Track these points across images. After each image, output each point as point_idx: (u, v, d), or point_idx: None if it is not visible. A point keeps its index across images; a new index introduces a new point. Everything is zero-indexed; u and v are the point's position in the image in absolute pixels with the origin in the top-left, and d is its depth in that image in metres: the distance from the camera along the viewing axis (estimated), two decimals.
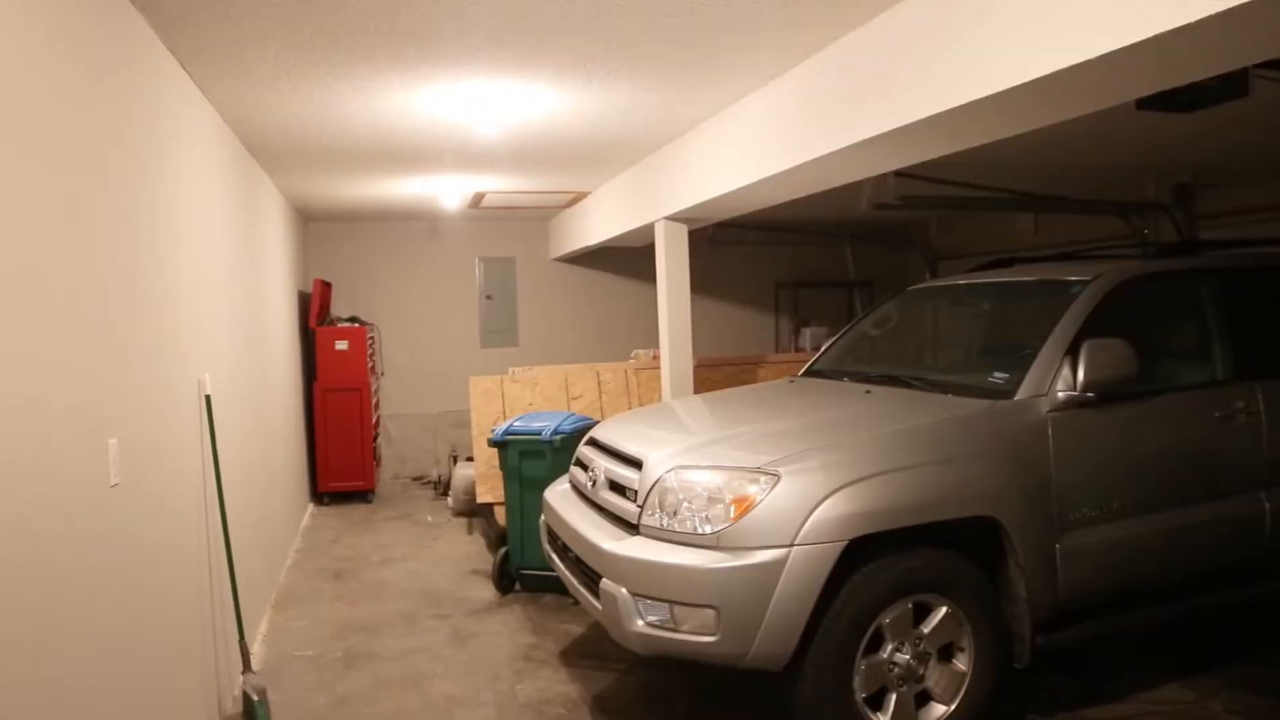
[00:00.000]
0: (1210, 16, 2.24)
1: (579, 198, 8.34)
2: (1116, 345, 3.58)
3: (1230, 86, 3.75)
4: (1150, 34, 2.41)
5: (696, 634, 3.18)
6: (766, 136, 4.50)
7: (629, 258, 9.77)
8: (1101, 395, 3.61)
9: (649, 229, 6.51)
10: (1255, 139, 5.58)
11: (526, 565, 5.43)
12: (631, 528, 3.50)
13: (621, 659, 4.40)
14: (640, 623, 3.29)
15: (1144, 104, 3.84)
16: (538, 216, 9.69)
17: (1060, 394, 3.59)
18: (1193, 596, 3.92)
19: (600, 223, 7.84)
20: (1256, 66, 3.61)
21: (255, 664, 4.33)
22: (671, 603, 3.21)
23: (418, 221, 9.53)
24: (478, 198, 8.00)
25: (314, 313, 8.26)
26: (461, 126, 5.11)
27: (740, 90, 4.60)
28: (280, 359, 6.59)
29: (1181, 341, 4.30)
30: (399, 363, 9.57)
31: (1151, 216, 7.21)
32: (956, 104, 3.14)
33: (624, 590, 3.32)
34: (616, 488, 3.73)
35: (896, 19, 3.43)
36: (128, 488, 2.73)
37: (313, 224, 9.23)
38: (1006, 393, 3.63)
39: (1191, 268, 4.30)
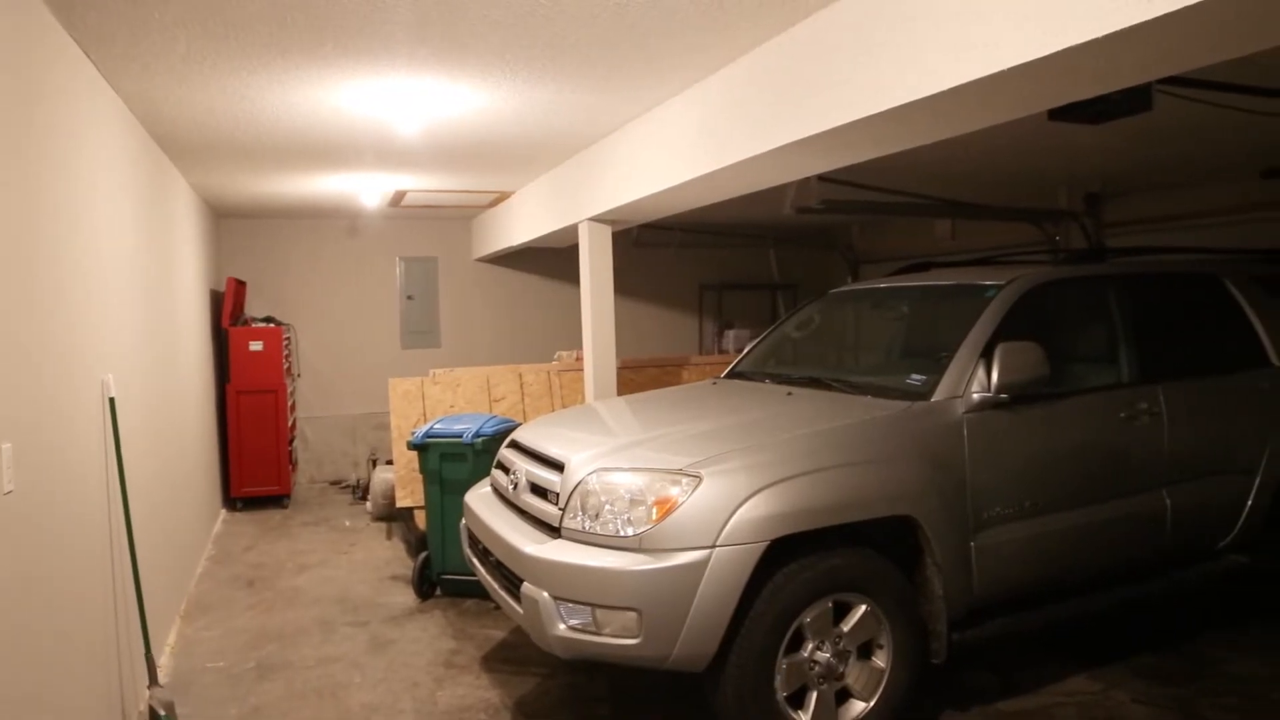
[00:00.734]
0: (1114, 33, 2.32)
1: (503, 197, 8.26)
2: (1029, 348, 3.67)
3: (1135, 100, 3.88)
4: (1060, 47, 2.48)
5: (619, 637, 3.17)
6: (692, 139, 4.51)
7: (553, 258, 9.72)
8: (1015, 397, 3.70)
9: (573, 230, 6.47)
10: (1158, 151, 5.80)
11: (447, 570, 5.35)
12: (553, 531, 3.47)
13: (544, 663, 4.36)
14: (562, 626, 3.25)
15: (1055, 115, 3.96)
16: (460, 216, 9.57)
17: (975, 395, 3.68)
18: (1100, 591, 4.05)
19: (524, 223, 7.77)
20: (1159, 82, 3.76)
21: (163, 677, 4.17)
22: (593, 606, 3.19)
23: (337, 219, 9.33)
24: (398, 196, 7.86)
25: (227, 312, 8.01)
26: (381, 123, 5.01)
27: (666, 92, 4.60)
28: (191, 360, 6.37)
29: (1089, 344, 4.44)
30: (316, 364, 9.35)
31: (1063, 224, 7.46)
32: (877, 110, 3.19)
33: (545, 594, 3.28)
34: (538, 490, 3.69)
35: (820, 25, 3.47)
36: (23, 495, 2.59)
37: (226, 220, 8.96)
38: (924, 394, 3.70)
39: (1099, 274, 4.45)
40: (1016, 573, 3.77)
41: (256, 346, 8.03)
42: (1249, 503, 4.44)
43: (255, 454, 8.04)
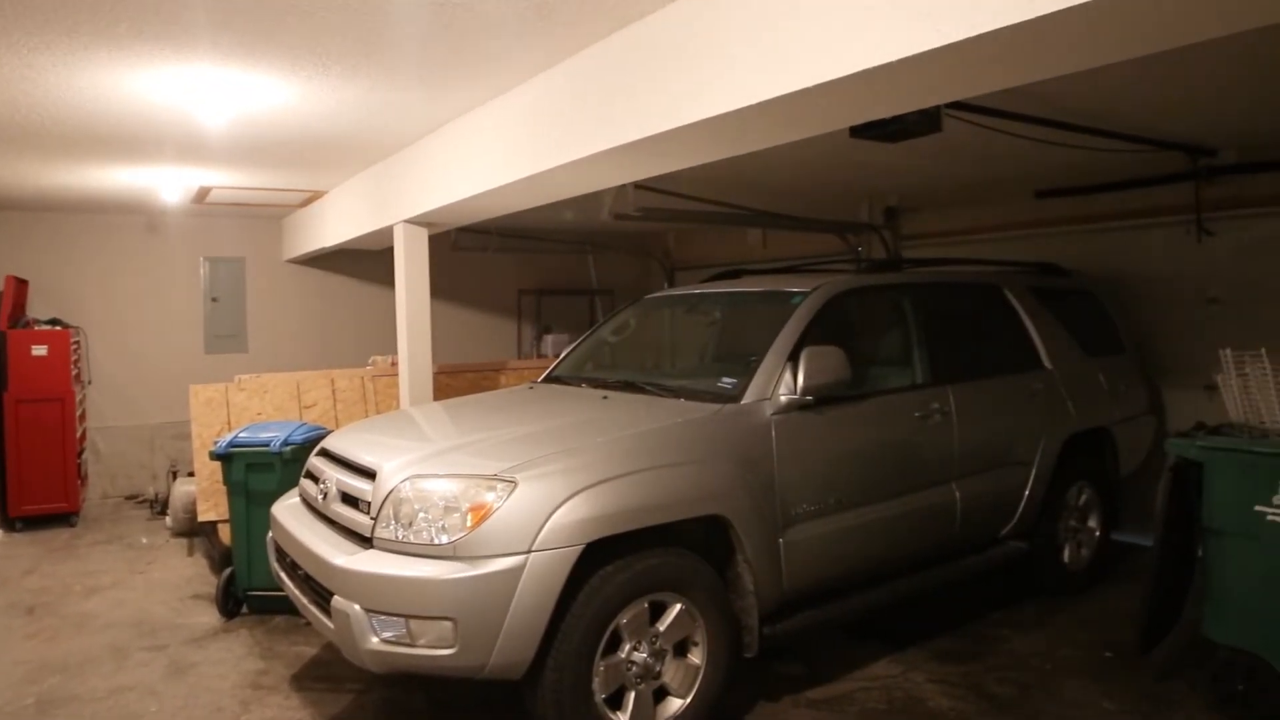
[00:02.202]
0: (908, 57, 2.49)
1: (315, 197, 7.95)
2: (832, 352, 3.86)
3: (926, 122, 4.16)
4: (858, 68, 2.64)
5: (434, 647, 3.10)
6: (509, 142, 4.49)
7: (368, 261, 9.43)
8: (819, 398, 3.88)
9: (389, 232, 6.31)
10: (948, 170, 6.26)
11: (254, 586, 5.08)
12: (365, 541, 3.36)
13: (358, 679, 4.22)
14: (375, 640, 3.16)
15: (856, 132, 4.19)
16: (270, 215, 9.14)
17: (782, 398, 3.83)
18: (899, 579, 4.30)
19: (338, 224, 7.51)
20: (947, 106, 4.06)
21: None
22: (407, 617, 3.11)
23: (134, 215, 8.69)
24: (203, 192, 7.42)
25: (4, 314, 7.31)
26: (184, 114, 4.72)
27: (486, 94, 4.56)
28: None
29: (887, 348, 4.72)
30: (111, 370, 8.67)
31: (864, 235, 7.91)
32: (690, 121, 3.28)
33: (357, 607, 3.17)
34: (349, 500, 3.57)
35: (637, 36, 3.53)
36: None
37: (4, 213, 8.18)
38: (734, 397, 3.82)
39: (895, 283, 4.75)
40: (823, 566, 3.95)
41: (40, 351, 7.37)
42: (1026, 493, 4.85)
43: (38, 468, 7.36)
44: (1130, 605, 4.92)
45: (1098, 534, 5.36)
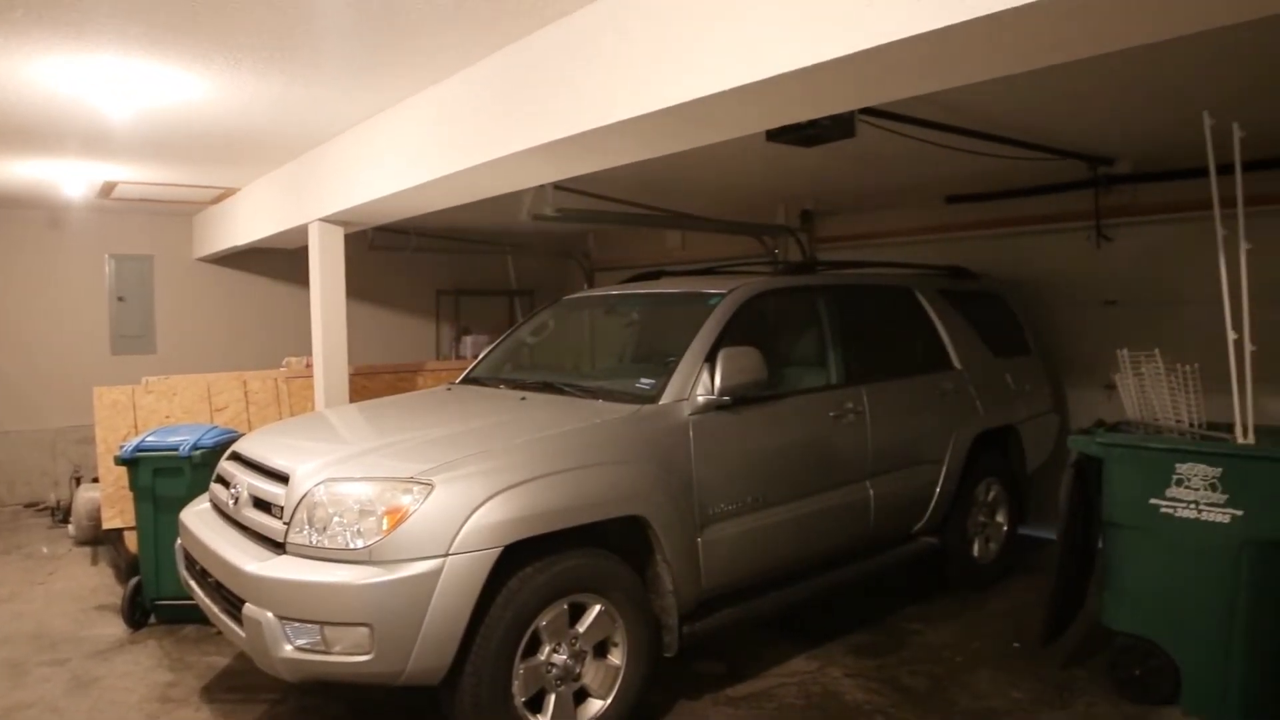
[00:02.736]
0: (822, 63, 2.54)
1: (228, 194, 7.74)
2: (748, 353, 3.92)
3: (841, 127, 4.25)
4: (773, 73, 2.69)
5: (350, 654, 3.05)
6: (427, 141, 4.44)
7: (283, 260, 9.21)
8: (736, 399, 3.93)
9: (303, 230, 6.18)
10: (862, 175, 6.39)
11: (162, 595, 4.93)
12: (278, 547, 3.29)
13: (272, 688, 4.12)
14: (288, 647, 3.10)
15: (773, 136, 4.26)
16: (180, 212, 8.86)
17: (700, 398, 3.87)
18: (815, 576, 4.38)
19: (250, 222, 7.33)
20: (861, 112, 4.15)
21: None
22: (322, 624, 3.06)
23: (33, 210, 8.33)
24: (108, 187, 7.16)
25: None
26: (87, 106, 4.54)
27: (402, 92, 4.50)
28: None
29: (802, 349, 4.81)
30: (7, 371, 8.29)
31: (781, 238, 8.03)
32: (608, 122, 3.29)
33: (269, 614, 3.11)
34: (261, 505, 3.49)
35: (556, 36, 3.53)
36: None
37: None
38: (652, 398, 3.85)
39: (810, 284, 4.83)
40: (741, 564, 4.00)
41: None
42: (937, 490, 4.99)
43: None
44: (1036, 597, 5.10)
45: (1005, 528, 5.55)
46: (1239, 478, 3.58)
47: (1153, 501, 3.77)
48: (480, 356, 5.20)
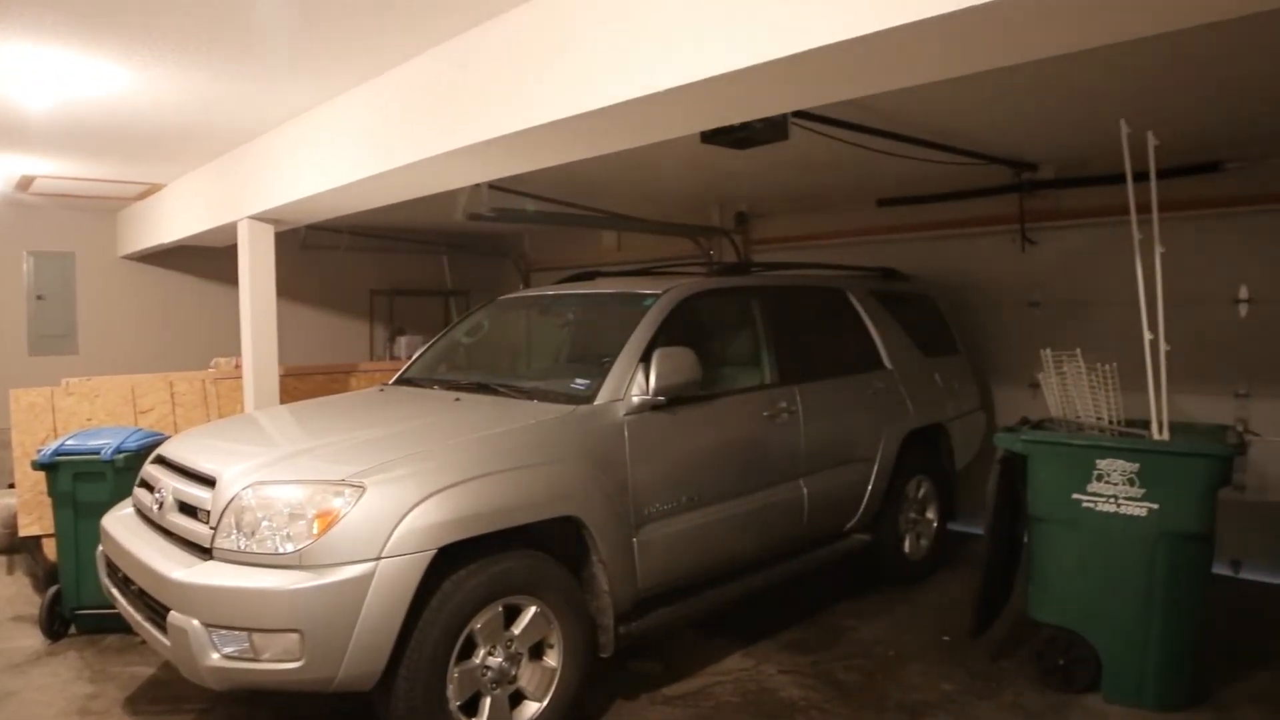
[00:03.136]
0: (755, 65, 2.58)
1: (154, 189, 7.54)
2: (683, 353, 3.94)
3: (774, 130, 4.30)
4: (706, 75, 2.72)
5: (279, 661, 2.99)
6: (360, 138, 4.39)
7: (211, 258, 9.00)
8: (671, 399, 3.95)
9: (233, 228, 6.06)
10: (796, 177, 6.48)
11: (83, 604, 4.78)
12: (204, 552, 3.22)
13: (199, 698, 4.02)
14: (215, 656, 3.03)
15: (707, 138, 4.30)
16: (104, 208, 8.60)
17: (635, 398, 3.88)
18: (750, 574, 4.42)
19: (178, 219, 7.15)
20: (793, 115, 4.21)
21: None
22: (250, 630, 3.00)
23: None
24: (26, 181, 6.92)
25: None
26: (2, 95, 4.38)
27: (333, 89, 4.44)
28: None
29: (737, 349, 4.85)
30: None
31: (716, 239, 8.10)
32: (543, 121, 3.29)
33: (195, 622, 3.03)
34: (187, 509, 3.40)
35: (491, 34, 3.51)
36: None
37: None
38: (587, 398, 3.85)
39: (744, 285, 4.88)
40: (677, 564, 4.02)
41: None
42: (869, 487, 5.07)
43: None
44: (966, 591, 5.22)
45: (935, 524, 5.66)
46: (1154, 473, 3.71)
47: (1075, 496, 3.89)
48: (414, 357, 5.14)
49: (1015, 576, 4.46)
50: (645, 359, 3.94)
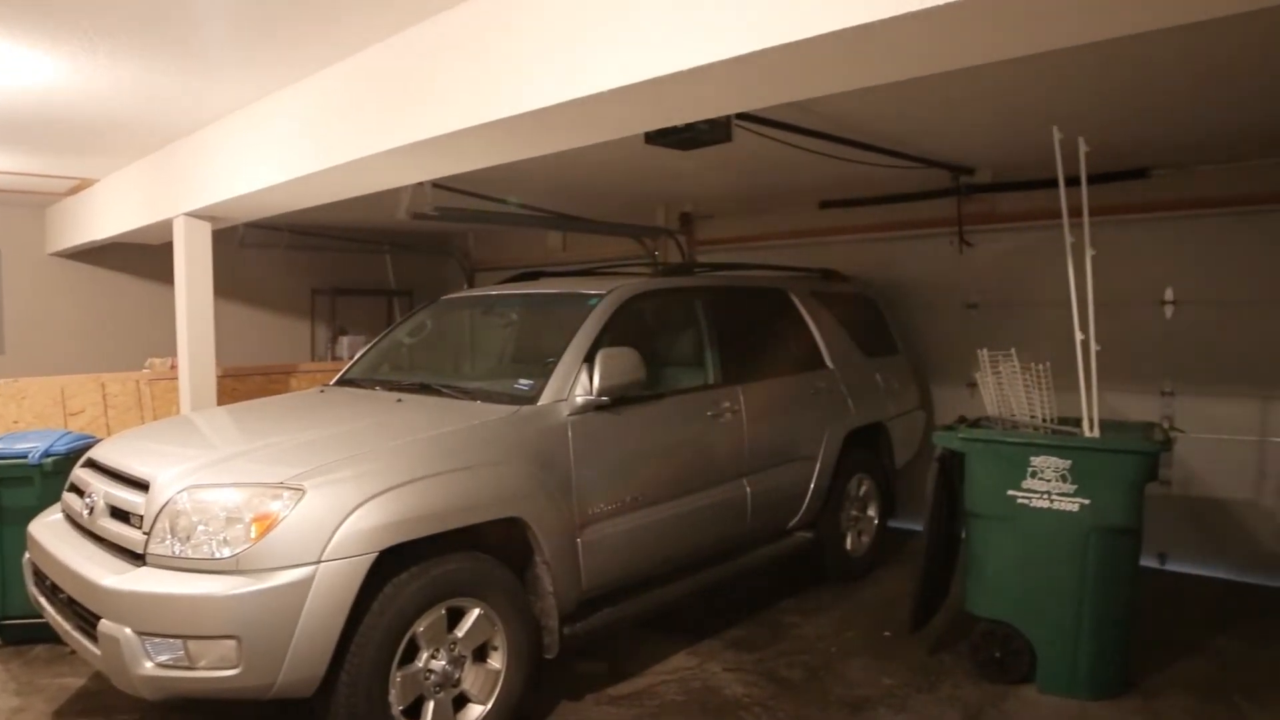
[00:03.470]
0: (695, 68, 2.60)
1: (85, 185, 7.34)
2: (627, 353, 3.95)
3: (717, 131, 4.33)
4: (648, 76, 2.73)
5: (216, 669, 2.94)
6: (299, 135, 4.32)
7: (146, 255, 8.78)
8: (615, 399, 3.95)
9: (168, 225, 5.92)
10: (739, 179, 6.53)
11: (9, 614, 4.63)
12: (137, 558, 3.14)
13: (132, 708, 3.92)
14: (149, 664, 2.96)
15: (651, 139, 4.31)
16: (31, 203, 8.35)
17: (579, 399, 3.87)
18: (695, 573, 4.44)
19: (110, 215, 6.97)
20: (737, 117, 4.24)
21: None
22: (185, 638, 2.93)
23: None
24: None
25: None
26: None
27: (272, 83, 4.36)
28: None
29: (680, 349, 4.87)
30: None
31: (661, 239, 8.13)
32: (485, 120, 3.28)
33: (128, 630, 2.96)
34: (119, 514, 3.32)
35: (435, 31, 3.49)
36: None
37: None
38: (531, 399, 3.83)
39: (688, 286, 4.91)
40: (621, 564, 4.02)
41: None
42: (811, 486, 5.13)
43: None
44: (905, 587, 5.31)
45: (876, 522, 5.75)
46: (1085, 469, 3.82)
47: (1010, 493, 3.98)
48: (356, 357, 5.08)
49: (953, 572, 4.55)
50: (589, 359, 3.94)
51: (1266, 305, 5.35)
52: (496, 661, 3.51)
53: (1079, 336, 3.97)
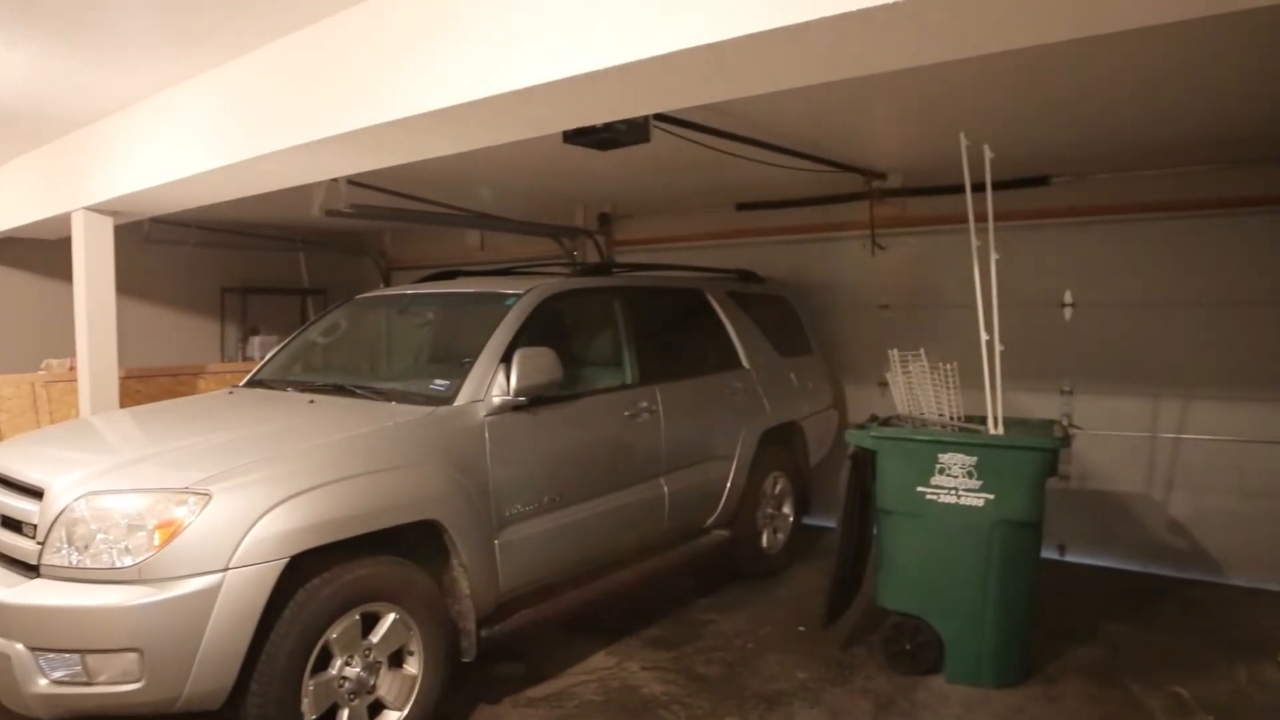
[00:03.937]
0: (612, 67, 2.61)
1: None
2: (544, 353, 3.93)
3: (636, 132, 4.34)
4: (566, 74, 2.73)
5: (117, 683, 2.84)
6: (208, 127, 4.19)
7: (41, 251, 8.37)
8: (532, 399, 3.94)
9: (66, 220, 5.67)
10: (657, 180, 6.57)
11: None
12: (30, 570, 3.01)
13: None
14: (43, 682, 2.85)
15: (569, 138, 4.30)
16: None
17: (496, 399, 3.85)
18: (613, 573, 4.45)
19: (3, 208, 6.64)
20: (655, 118, 4.26)
21: None
22: (83, 652, 2.83)
23: None
24: None
25: None
26: None
27: (180, 73, 4.22)
28: None
29: (598, 349, 4.88)
30: None
31: (580, 240, 8.13)
32: (398, 116, 3.24)
33: (19, 646, 2.84)
34: (11, 524, 3.17)
35: (347, 24, 3.43)
36: None
37: None
38: (447, 399, 3.79)
39: (606, 286, 4.92)
40: (540, 565, 4.01)
41: None
42: (728, 484, 5.19)
43: None
44: (820, 582, 5.40)
45: (791, 519, 5.85)
46: (990, 465, 3.95)
47: (919, 489, 4.09)
48: (267, 358, 4.95)
49: (865, 567, 4.65)
50: (506, 359, 3.91)
51: (1157, 308, 5.61)
52: (413, 666, 3.46)
53: (984, 337, 4.10)
